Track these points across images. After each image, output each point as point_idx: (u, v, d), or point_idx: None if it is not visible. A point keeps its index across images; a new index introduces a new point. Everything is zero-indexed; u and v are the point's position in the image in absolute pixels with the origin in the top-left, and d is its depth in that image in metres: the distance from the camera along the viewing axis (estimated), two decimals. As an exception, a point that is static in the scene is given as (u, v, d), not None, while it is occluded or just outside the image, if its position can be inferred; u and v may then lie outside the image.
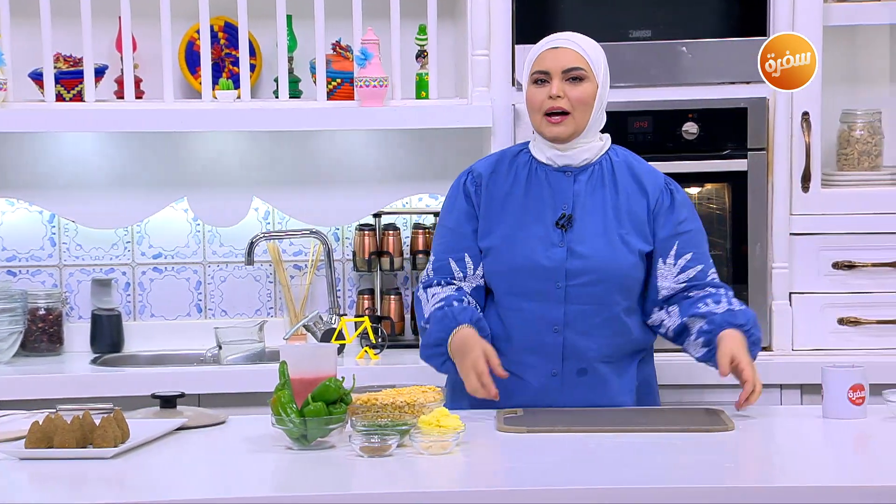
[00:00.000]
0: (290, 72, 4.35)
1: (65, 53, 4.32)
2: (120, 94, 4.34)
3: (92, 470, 2.83)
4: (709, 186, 4.17)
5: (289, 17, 4.31)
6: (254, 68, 4.42)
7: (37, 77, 4.27)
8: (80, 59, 4.25)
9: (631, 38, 4.12)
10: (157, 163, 4.44)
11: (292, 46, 4.38)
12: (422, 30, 4.38)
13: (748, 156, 4.13)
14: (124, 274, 4.51)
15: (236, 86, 4.30)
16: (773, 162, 4.13)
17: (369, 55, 4.17)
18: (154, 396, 3.28)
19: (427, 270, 3.51)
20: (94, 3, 4.18)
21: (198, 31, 4.29)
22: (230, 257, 4.54)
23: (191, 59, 4.42)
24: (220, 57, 4.44)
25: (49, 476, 2.81)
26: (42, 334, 4.36)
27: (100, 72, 4.30)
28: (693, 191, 4.13)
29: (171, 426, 3.11)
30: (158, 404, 3.26)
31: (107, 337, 4.42)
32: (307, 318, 4.35)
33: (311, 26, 4.23)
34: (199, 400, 3.91)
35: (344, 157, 4.48)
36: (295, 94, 4.38)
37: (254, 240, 4.40)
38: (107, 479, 2.79)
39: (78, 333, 4.44)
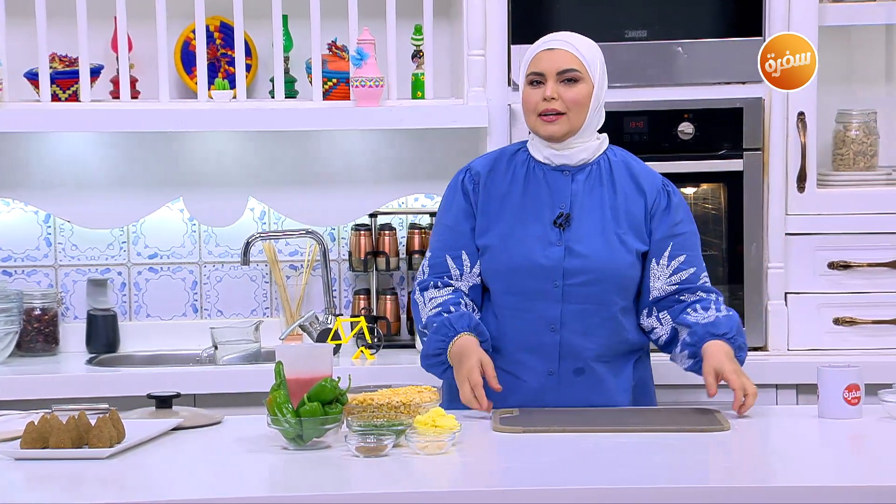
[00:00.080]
0: (286, 72, 4.35)
1: (60, 53, 4.32)
2: (115, 94, 4.34)
3: (87, 470, 2.83)
4: (704, 186, 4.18)
5: (285, 17, 4.31)
6: (249, 68, 4.42)
7: (32, 77, 4.27)
8: (76, 59, 4.24)
9: (627, 38, 4.12)
10: (152, 163, 4.44)
11: (288, 46, 4.38)
12: (418, 30, 4.38)
13: (744, 156, 4.13)
14: (120, 274, 4.51)
15: (232, 86, 4.30)
16: (769, 162, 4.13)
17: (365, 55, 4.17)
18: (150, 396, 3.28)
19: (423, 267, 3.50)
20: (89, 3, 4.17)
21: (193, 31, 4.29)
22: (226, 257, 4.54)
23: (186, 58, 4.42)
24: (216, 57, 4.44)
25: (45, 476, 2.80)
26: (38, 334, 4.36)
27: (95, 72, 4.30)
28: (689, 191, 4.13)
29: (167, 426, 3.11)
30: (154, 404, 3.26)
31: (102, 337, 4.41)
32: (303, 319, 4.35)
33: (307, 26, 4.23)
34: (194, 400, 3.91)
35: (340, 157, 4.48)
36: (291, 94, 4.38)
37: (250, 240, 4.40)
38: (102, 479, 2.79)
39: (73, 333, 4.44)
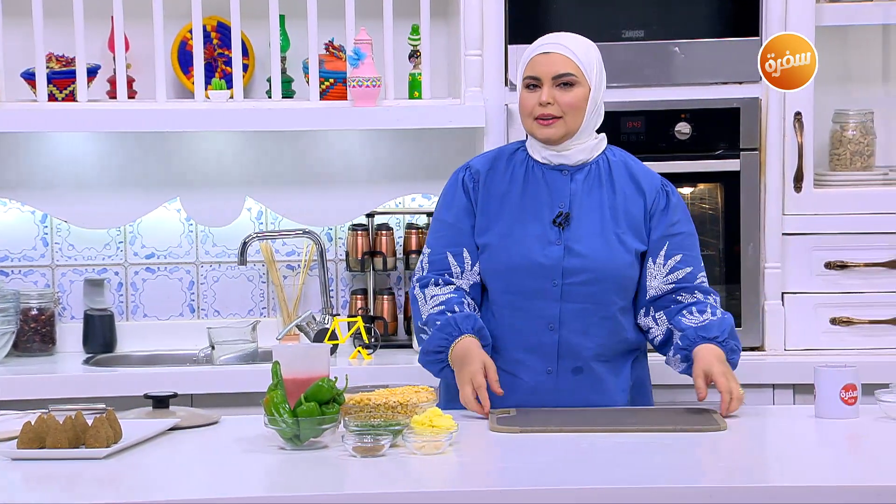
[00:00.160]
0: (283, 72, 4.35)
1: (57, 53, 4.32)
2: (112, 94, 4.34)
3: (84, 470, 2.83)
4: (701, 186, 4.18)
5: (281, 17, 4.31)
6: (246, 68, 4.42)
7: (29, 77, 4.27)
8: (73, 59, 4.24)
9: (624, 39, 4.12)
10: (149, 163, 4.44)
11: (285, 46, 4.38)
12: (415, 30, 4.38)
13: (741, 156, 4.13)
14: (117, 274, 4.51)
15: (229, 86, 4.30)
16: (766, 162, 4.13)
17: (362, 55, 4.17)
18: (147, 396, 3.27)
19: (421, 264, 3.49)
20: (86, 3, 4.17)
21: (190, 31, 4.29)
22: (223, 257, 4.54)
23: (183, 58, 4.42)
24: (213, 57, 4.44)
25: (42, 476, 2.80)
26: (34, 334, 4.36)
27: (92, 72, 4.29)
28: (686, 191, 4.13)
29: (164, 426, 3.11)
30: (151, 404, 3.26)
31: (99, 337, 4.41)
32: (300, 318, 4.35)
33: (304, 26, 4.23)
34: (191, 400, 3.90)
35: (337, 157, 4.47)
36: (288, 94, 4.38)
37: (247, 240, 4.40)
38: (99, 479, 2.79)
39: (70, 333, 4.43)
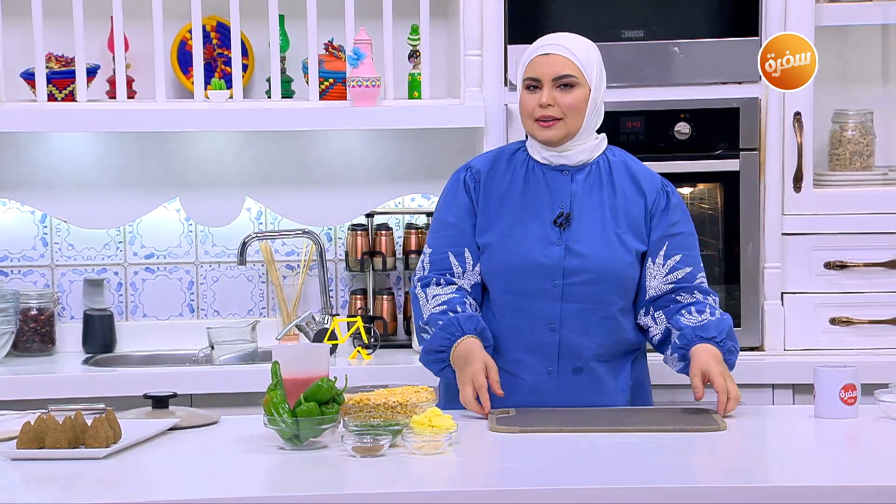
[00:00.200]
0: (283, 72, 4.35)
1: (56, 53, 4.32)
2: (112, 94, 4.34)
3: (84, 470, 2.83)
4: (701, 186, 4.18)
5: (281, 17, 4.31)
6: (246, 68, 4.42)
7: (28, 77, 4.26)
8: (72, 59, 4.24)
9: (623, 39, 4.12)
10: (149, 163, 4.44)
11: (284, 46, 4.38)
12: (414, 30, 4.38)
13: (740, 156, 4.13)
14: (116, 274, 4.51)
15: (228, 86, 4.30)
16: (765, 162, 4.13)
17: (362, 55, 4.17)
18: (146, 396, 3.27)
19: (422, 264, 3.48)
20: (85, 3, 4.17)
21: (190, 31, 4.29)
22: (222, 257, 4.54)
23: (183, 58, 4.42)
24: (213, 57, 4.44)
25: (41, 476, 2.80)
26: (34, 334, 4.36)
27: (92, 72, 4.29)
28: (685, 191, 4.13)
29: (164, 426, 3.11)
30: (150, 404, 3.26)
31: (99, 337, 4.41)
32: (300, 319, 4.35)
33: (304, 26, 4.23)
34: (191, 400, 3.90)
35: (336, 157, 4.47)
36: (287, 94, 4.38)
37: (246, 240, 4.40)
38: (99, 479, 2.79)
39: (70, 333, 4.43)
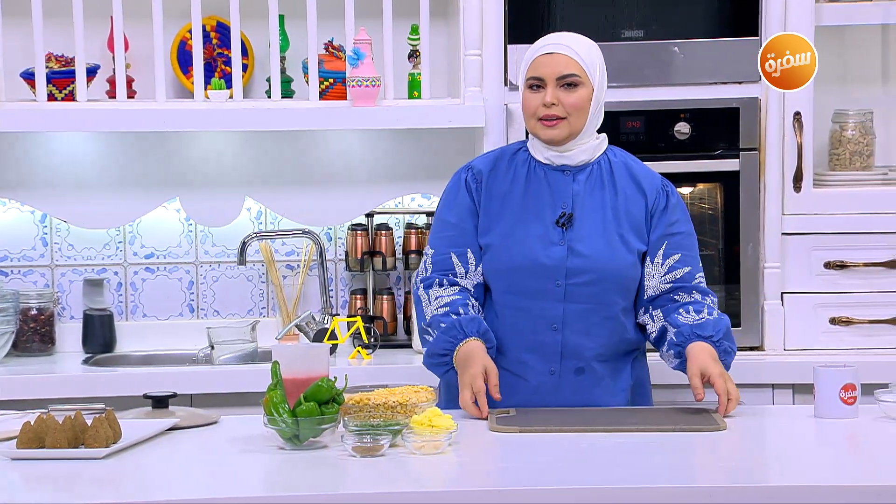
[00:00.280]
0: (283, 72, 4.35)
1: (56, 53, 4.32)
2: (112, 94, 4.34)
3: (84, 470, 2.83)
4: (701, 186, 4.18)
5: (281, 17, 4.31)
6: (246, 68, 4.42)
7: (28, 77, 4.26)
8: (72, 59, 4.24)
9: (623, 39, 4.12)
10: (149, 162, 4.44)
11: (284, 46, 4.38)
12: (414, 30, 4.38)
13: (740, 156, 4.13)
14: (116, 274, 4.51)
15: (228, 85, 4.30)
16: (765, 162, 4.13)
17: (361, 55, 4.17)
18: (146, 396, 3.27)
19: (424, 264, 3.48)
20: (85, 3, 4.17)
21: (190, 31, 4.29)
22: (222, 257, 4.54)
23: (183, 58, 4.42)
24: (213, 56, 4.44)
25: (41, 476, 2.80)
26: (34, 334, 4.36)
27: (91, 71, 4.29)
28: (685, 191, 4.13)
29: (163, 426, 3.11)
30: (150, 404, 3.26)
31: (99, 337, 4.41)
32: (299, 318, 4.35)
33: (304, 26, 4.23)
34: (191, 400, 3.90)
35: (336, 156, 4.47)
36: (287, 93, 4.38)
37: (246, 240, 4.40)
38: (99, 479, 2.79)
39: (70, 333, 4.43)
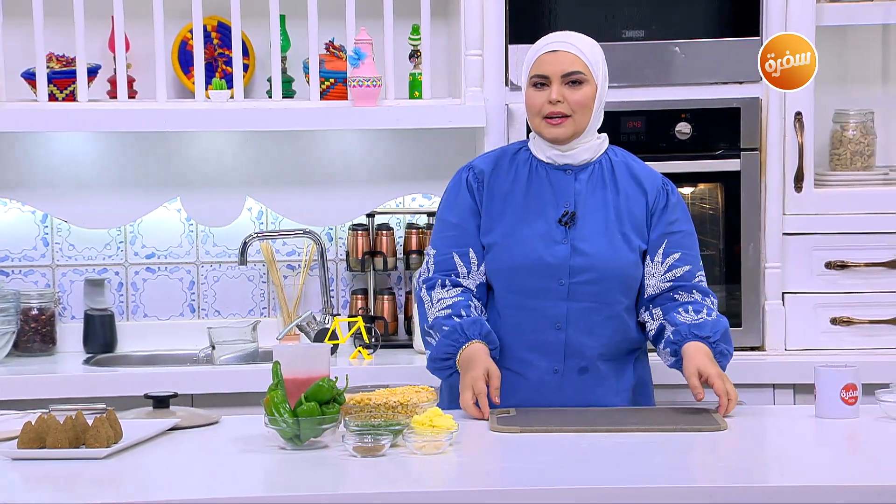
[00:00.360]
0: (284, 72, 4.35)
1: (57, 53, 4.32)
2: (113, 94, 4.34)
3: (85, 470, 2.83)
4: (702, 186, 4.18)
5: (282, 17, 4.31)
6: (247, 68, 4.42)
7: (29, 77, 4.27)
8: (73, 59, 4.24)
9: (624, 39, 4.12)
10: (150, 163, 4.44)
11: (285, 46, 4.38)
12: (415, 30, 4.38)
13: (741, 156, 4.13)
14: (117, 274, 4.51)
15: (229, 86, 4.30)
16: (766, 162, 4.13)
17: (362, 55, 4.17)
18: (147, 396, 3.27)
19: (426, 264, 3.48)
20: (86, 3, 4.17)
21: (191, 31, 4.29)
22: (223, 257, 4.54)
23: (184, 58, 4.42)
24: (213, 57, 4.44)
25: (42, 476, 2.80)
26: (35, 334, 4.36)
27: (92, 71, 4.29)
28: (686, 191, 4.13)
29: (164, 426, 3.11)
30: (151, 404, 3.26)
31: (100, 337, 4.41)
32: (300, 318, 4.35)
33: (305, 26, 4.23)
34: (192, 400, 3.90)
35: (337, 157, 4.47)
36: (288, 93, 4.38)
37: (247, 240, 4.40)
38: (99, 479, 2.79)
39: (71, 333, 4.44)
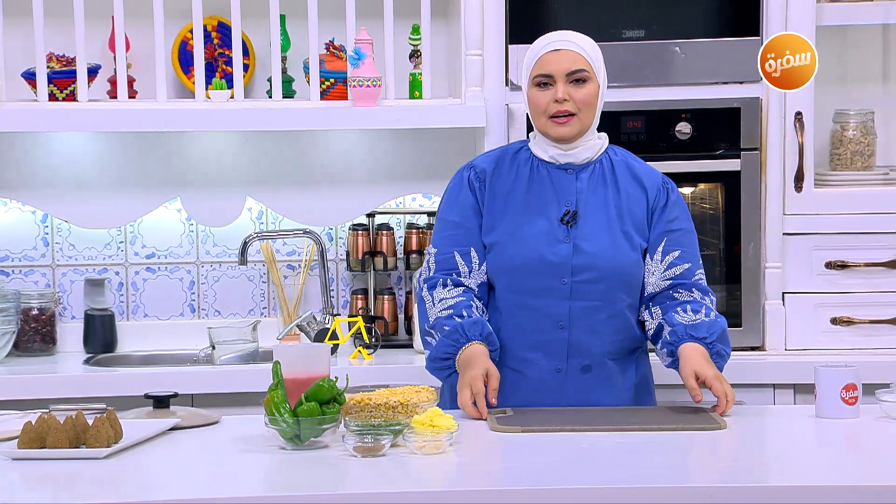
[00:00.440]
0: (284, 72, 4.35)
1: (58, 53, 4.32)
2: (113, 94, 4.34)
3: (85, 470, 2.83)
4: (702, 186, 4.18)
5: (282, 17, 4.31)
6: (247, 68, 4.42)
7: (29, 77, 4.27)
8: (73, 59, 4.24)
9: (624, 38, 4.12)
10: (150, 162, 4.44)
11: (286, 46, 4.38)
12: (415, 30, 4.38)
13: (741, 156, 4.13)
14: (117, 274, 4.51)
15: (229, 85, 4.30)
16: (766, 162, 4.13)
17: (363, 55, 4.17)
18: (147, 396, 3.27)
19: (427, 264, 3.48)
20: (87, 3, 4.17)
21: (191, 31, 4.29)
22: (223, 257, 4.54)
23: (184, 58, 4.42)
24: (214, 56, 4.44)
25: (42, 476, 2.80)
26: (35, 334, 4.36)
27: (93, 71, 4.29)
28: (686, 191, 4.13)
29: (165, 426, 3.11)
30: (151, 404, 3.26)
31: (100, 337, 4.41)
32: (300, 318, 4.35)
33: (305, 26, 4.23)
34: (192, 400, 3.90)
35: (337, 156, 4.47)
36: (288, 93, 4.38)
37: (247, 240, 4.40)
38: (99, 479, 2.79)
39: (71, 333, 4.44)
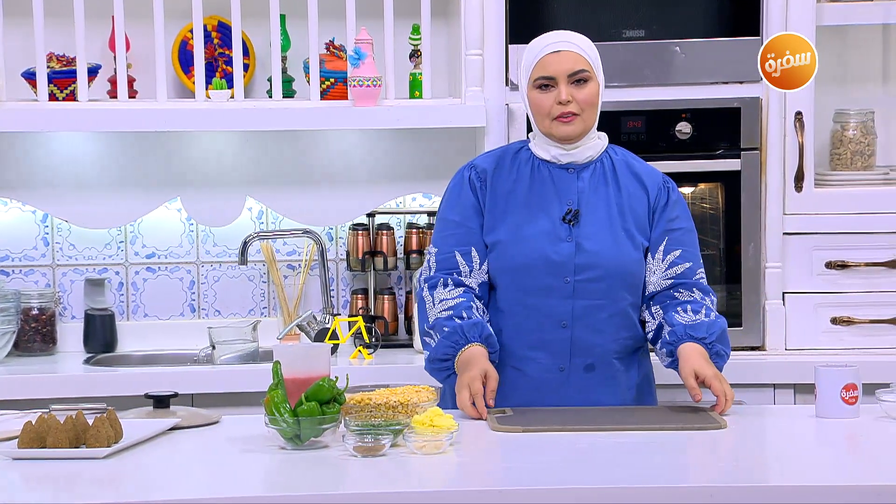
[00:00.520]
0: (284, 71, 4.35)
1: (58, 53, 4.32)
2: (113, 94, 4.34)
3: (85, 470, 2.83)
4: (702, 186, 4.18)
5: (282, 17, 4.31)
6: (247, 68, 4.42)
7: (30, 76, 4.27)
8: (73, 59, 4.24)
9: (624, 38, 4.12)
10: (150, 162, 4.44)
11: (286, 46, 4.38)
12: (415, 29, 4.38)
13: (741, 155, 4.13)
14: (117, 274, 4.51)
15: (230, 85, 4.30)
16: (767, 162, 4.14)
17: (363, 55, 4.17)
18: (147, 396, 3.28)
19: (428, 263, 3.48)
20: (87, 3, 4.17)
21: (191, 31, 4.29)
22: (224, 257, 4.54)
23: (184, 58, 4.42)
24: (214, 56, 4.44)
25: (42, 476, 2.80)
26: (35, 334, 4.36)
27: (93, 71, 4.30)
28: (686, 190, 4.13)
29: (165, 426, 3.11)
30: (151, 404, 3.26)
31: (100, 337, 4.41)
32: (301, 318, 4.35)
33: (305, 26, 4.23)
34: (192, 400, 3.90)
35: (337, 156, 4.47)
36: (288, 93, 4.38)
37: (247, 239, 4.40)
38: (99, 479, 2.79)
39: (71, 333, 4.44)
